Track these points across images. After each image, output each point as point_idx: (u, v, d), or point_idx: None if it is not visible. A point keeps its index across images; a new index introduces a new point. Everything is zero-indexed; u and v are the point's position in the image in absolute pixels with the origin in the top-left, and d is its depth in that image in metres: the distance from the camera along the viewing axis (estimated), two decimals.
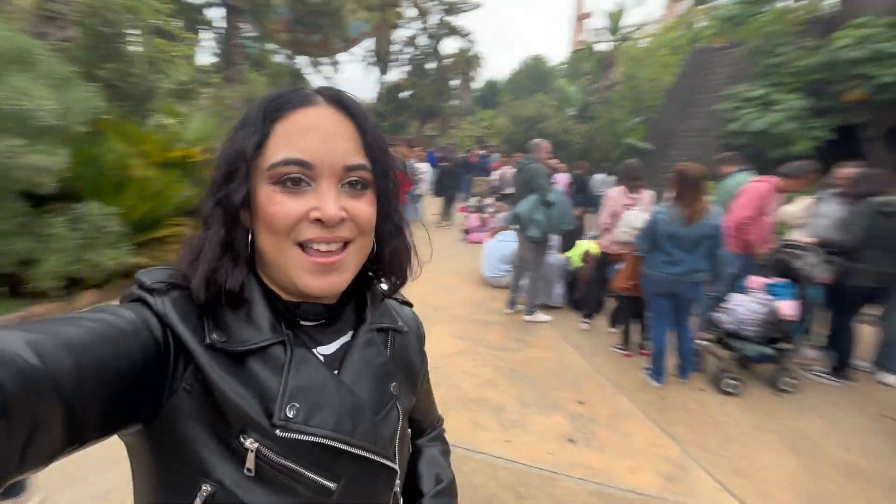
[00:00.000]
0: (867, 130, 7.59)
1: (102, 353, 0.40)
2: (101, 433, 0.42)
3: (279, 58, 15.40)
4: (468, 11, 19.70)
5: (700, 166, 3.15)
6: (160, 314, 0.47)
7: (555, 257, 4.96)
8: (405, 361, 0.65)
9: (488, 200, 9.53)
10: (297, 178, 0.49)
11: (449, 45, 21.69)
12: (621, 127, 13.11)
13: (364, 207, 0.52)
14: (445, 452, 0.78)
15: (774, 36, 8.25)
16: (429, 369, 0.74)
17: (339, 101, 0.52)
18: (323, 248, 0.50)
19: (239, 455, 0.46)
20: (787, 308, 3.23)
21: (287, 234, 0.49)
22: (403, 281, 0.63)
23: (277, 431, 0.46)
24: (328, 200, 0.49)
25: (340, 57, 17.59)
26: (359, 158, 0.52)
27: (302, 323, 0.55)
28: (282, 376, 0.49)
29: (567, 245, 5.39)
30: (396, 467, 0.56)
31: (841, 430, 2.98)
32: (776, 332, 3.30)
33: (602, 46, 16.92)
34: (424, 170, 8.93)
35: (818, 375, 3.68)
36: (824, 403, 3.31)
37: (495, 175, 10.51)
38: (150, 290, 0.49)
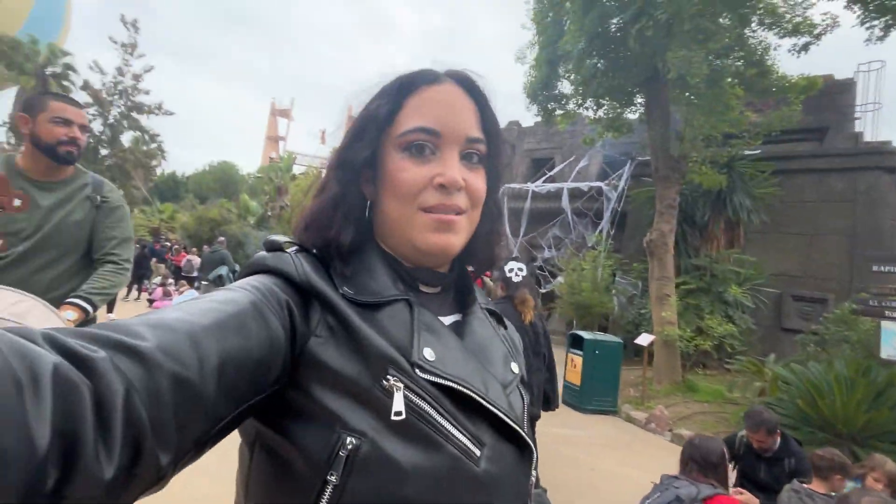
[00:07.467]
0: None
1: (226, 343, 0.40)
2: (240, 418, 0.42)
3: None
4: (158, 115, 18.75)
5: None
6: (299, 270, 0.49)
7: None
8: (515, 353, 0.64)
9: (171, 280, 12.60)
10: (422, 145, 0.54)
11: (130, 136, 18.46)
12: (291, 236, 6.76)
13: (479, 181, 0.57)
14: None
15: None
16: None
17: (463, 80, 0.57)
18: (443, 213, 0.54)
19: (381, 403, 0.45)
20: None
21: (413, 200, 0.54)
22: (491, 264, 0.66)
23: (417, 371, 0.47)
24: (451, 167, 0.54)
25: None
26: (478, 133, 0.57)
27: (421, 289, 0.58)
28: (410, 327, 0.50)
29: None
30: (533, 447, 0.54)
31: None
32: None
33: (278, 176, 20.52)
34: None
35: None
36: None
37: (184, 262, 13.21)
38: (285, 249, 0.53)
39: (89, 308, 1.62)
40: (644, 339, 6.53)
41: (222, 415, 0.40)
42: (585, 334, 6.40)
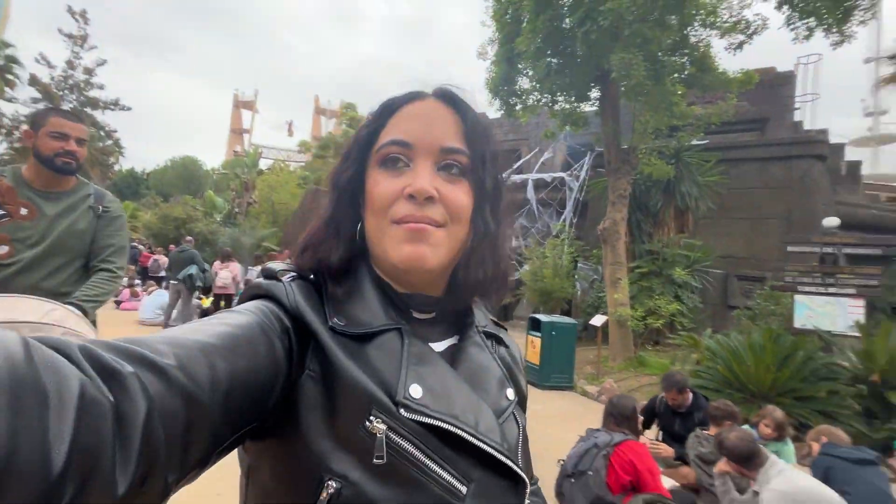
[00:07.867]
0: None
1: (237, 367, 0.41)
2: (237, 441, 0.43)
3: None
4: (114, 111, 18.76)
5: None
6: (290, 298, 0.49)
7: (195, 301, 9.02)
8: (512, 376, 0.61)
9: (137, 280, 12.76)
10: (395, 157, 0.53)
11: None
12: (260, 233, 17.13)
13: (458, 193, 0.54)
14: None
15: None
16: None
17: (445, 94, 0.57)
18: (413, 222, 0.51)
19: (364, 446, 0.44)
20: None
21: (385, 213, 0.52)
22: (484, 288, 0.58)
23: (402, 411, 0.45)
24: (421, 177, 0.52)
25: None
26: (457, 143, 0.54)
27: (414, 315, 0.56)
28: (399, 361, 0.48)
29: (205, 293, 9.65)
30: (526, 478, 0.52)
31: None
32: None
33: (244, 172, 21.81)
34: None
35: None
36: None
37: (150, 262, 13.52)
38: (280, 278, 0.52)
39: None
40: (597, 321, 7.08)
41: (225, 437, 0.41)
42: (543, 317, 6.86)
